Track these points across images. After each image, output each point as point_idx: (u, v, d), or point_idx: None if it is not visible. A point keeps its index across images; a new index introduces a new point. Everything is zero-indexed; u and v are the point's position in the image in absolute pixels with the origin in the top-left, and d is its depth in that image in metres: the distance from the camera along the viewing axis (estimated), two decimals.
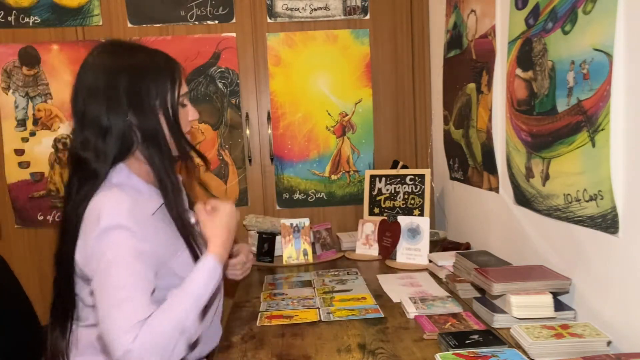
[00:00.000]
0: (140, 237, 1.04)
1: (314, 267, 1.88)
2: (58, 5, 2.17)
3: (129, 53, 1.13)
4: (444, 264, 1.63)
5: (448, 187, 2.10)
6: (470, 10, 1.75)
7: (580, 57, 1.11)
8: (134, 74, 1.09)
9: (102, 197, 1.06)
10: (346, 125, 2.30)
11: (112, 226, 1.02)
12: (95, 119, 1.07)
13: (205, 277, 1.05)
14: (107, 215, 1.02)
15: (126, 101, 1.07)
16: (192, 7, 2.20)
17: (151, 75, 1.11)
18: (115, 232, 1.01)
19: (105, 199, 1.05)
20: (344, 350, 1.15)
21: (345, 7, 2.24)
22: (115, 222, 1.02)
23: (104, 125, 1.07)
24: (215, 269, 1.06)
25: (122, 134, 1.08)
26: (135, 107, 1.08)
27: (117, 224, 1.02)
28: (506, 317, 1.20)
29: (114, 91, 1.07)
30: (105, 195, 1.06)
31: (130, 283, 0.98)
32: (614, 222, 1.03)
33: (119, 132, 1.08)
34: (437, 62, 2.16)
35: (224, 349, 1.19)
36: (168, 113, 1.12)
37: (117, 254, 1.00)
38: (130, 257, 1.01)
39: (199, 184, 2.25)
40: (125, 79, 1.08)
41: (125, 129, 1.08)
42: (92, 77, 1.09)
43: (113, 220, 1.02)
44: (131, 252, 1.01)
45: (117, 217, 1.03)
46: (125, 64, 1.10)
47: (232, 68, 2.24)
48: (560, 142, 1.20)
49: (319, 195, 2.32)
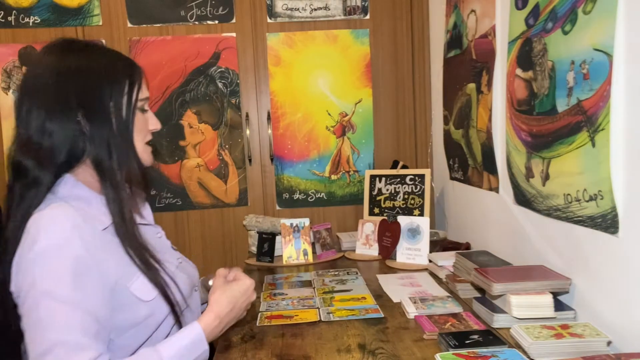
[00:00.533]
0: (86, 259, 0.91)
1: (314, 267, 1.88)
2: (58, 5, 2.17)
3: (81, 53, 1.02)
4: (444, 264, 1.63)
5: (448, 187, 2.10)
6: (470, 10, 1.75)
7: (580, 57, 1.11)
8: (86, 75, 1.00)
9: (42, 214, 0.94)
10: (346, 125, 2.30)
11: (49, 248, 0.89)
12: (39, 122, 0.96)
13: (183, 349, 0.94)
14: (44, 236, 0.90)
15: (76, 103, 0.97)
16: (192, 7, 2.21)
17: (105, 77, 1.01)
18: (52, 256, 0.89)
19: (45, 216, 0.93)
20: (344, 350, 1.15)
21: (345, 7, 2.24)
22: (54, 243, 0.90)
23: (48, 129, 0.96)
24: (198, 342, 0.96)
25: (69, 139, 0.97)
26: (86, 110, 0.98)
27: (55, 244, 0.90)
28: (506, 317, 1.20)
29: (63, 92, 0.97)
30: (46, 213, 0.94)
31: (63, 321, 0.86)
32: (614, 222, 1.03)
33: (66, 137, 0.97)
34: (437, 62, 2.16)
35: (224, 349, 1.19)
36: (121, 119, 1.01)
37: (49, 284, 0.87)
38: (66, 287, 0.88)
39: (199, 183, 2.25)
40: (75, 79, 0.98)
41: (73, 133, 0.97)
42: (39, 77, 0.99)
43: (51, 241, 0.90)
44: (69, 279, 0.88)
45: (56, 237, 0.90)
46: (77, 64, 1.00)
47: (232, 68, 2.24)
48: (560, 142, 1.20)
49: (319, 195, 2.32)
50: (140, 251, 1.02)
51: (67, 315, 0.87)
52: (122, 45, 2.19)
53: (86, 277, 0.91)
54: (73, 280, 0.89)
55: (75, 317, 0.87)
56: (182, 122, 2.24)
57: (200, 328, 0.99)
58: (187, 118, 2.24)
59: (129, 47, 2.19)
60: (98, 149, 0.99)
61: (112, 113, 1.00)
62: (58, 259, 0.89)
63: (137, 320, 1.00)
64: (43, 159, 0.97)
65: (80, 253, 0.91)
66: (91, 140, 0.99)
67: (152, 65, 2.19)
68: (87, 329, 0.88)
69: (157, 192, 2.26)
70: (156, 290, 1.01)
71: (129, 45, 2.19)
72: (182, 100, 2.23)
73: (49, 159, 0.97)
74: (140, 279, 1.00)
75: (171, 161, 2.26)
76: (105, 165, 0.99)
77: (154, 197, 2.26)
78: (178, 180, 2.27)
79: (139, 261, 1.00)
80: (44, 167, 0.97)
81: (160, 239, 1.19)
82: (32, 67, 1.03)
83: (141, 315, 1.00)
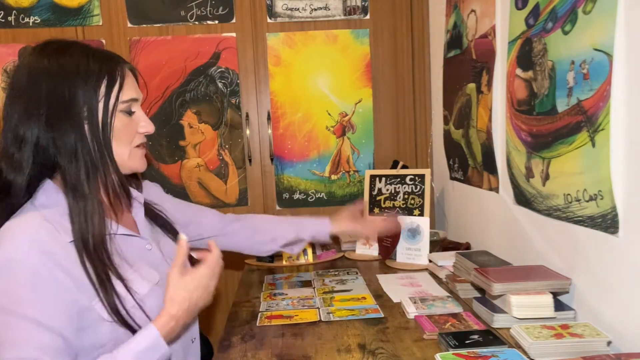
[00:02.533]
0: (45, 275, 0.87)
1: (314, 267, 1.88)
2: (58, 5, 2.17)
3: (59, 53, 0.97)
4: (444, 264, 1.63)
5: (448, 187, 2.10)
6: (470, 10, 1.75)
7: (580, 57, 1.11)
8: (57, 77, 0.94)
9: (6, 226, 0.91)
10: (346, 125, 2.30)
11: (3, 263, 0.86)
12: (13, 126, 0.94)
13: (140, 353, 0.90)
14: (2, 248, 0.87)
15: (45, 108, 0.93)
16: (192, 7, 2.20)
17: (78, 78, 0.95)
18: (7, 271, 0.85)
19: (7, 229, 0.90)
20: (344, 350, 1.15)
21: (345, 7, 2.24)
22: (10, 257, 0.86)
23: (20, 134, 0.93)
24: (155, 346, 0.92)
25: (37, 146, 0.93)
26: (54, 114, 0.93)
27: (11, 259, 0.86)
28: (506, 317, 1.20)
29: (35, 96, 0.93)
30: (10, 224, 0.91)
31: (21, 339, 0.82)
32: (614, 222, 1.03)
33: (34, 143, 0.93)
34: (437, 62, 2.16)
35: (224, 349, 1.19)
36: (96, 123, 0.96)
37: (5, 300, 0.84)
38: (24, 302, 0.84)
39: (199, 183, 2.25)
40: (47, 83, 0.94)
41: (41, 140, 0.93)
42: (17, 79, 0.96)
43: (7, 254, 0.86)
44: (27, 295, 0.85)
45: (13, 250, 0.86)
46: (51, 65, 0.95)
47: (232, 68, 2.24)
48: (560, 142, 1.20)
49: (319, 195, 2.32)
50: (102, 270, 0.94)
51: (25, 333, 0.84)
52: (122, 45, 2.19)
53: (46, 293, 0.87)
54: (31, 296, 0.85)
55: (33, 335, 0.84)
56: (182, 122, 2.24)
57: (156, 330, 0.94)
58: (187, 118, 2.24)
59: (129, 47, 2.19)
60: (63, 157, 0.94)
61: (85, 117, 0.95)
62: (14, 274, 0.86)
63: (102, 341, 0.94)
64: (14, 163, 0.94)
65: (38, 268, 0.87)
66: (56, 147, 0.94)
67: (152, 65, 2.19)
68: (47, 347, 0.84)
69: None
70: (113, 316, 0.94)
71: (129, 45, 2.19)
72: (182, 100, 2.23)
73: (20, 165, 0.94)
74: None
75: (171, 161, 2.26)
76: (70, 174, 0.94)
77: None
78: (178, 180, 2.27)
79: (96, 281, 0.92)
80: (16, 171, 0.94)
81: (150, 251, 1.10)
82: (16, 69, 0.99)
83: (106, 336, 0.94)
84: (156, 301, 1.01)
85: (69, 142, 0.94)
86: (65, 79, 0.95)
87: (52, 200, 0.96)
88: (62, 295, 0.89)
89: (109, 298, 0.93)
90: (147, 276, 1.04)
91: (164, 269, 1.08)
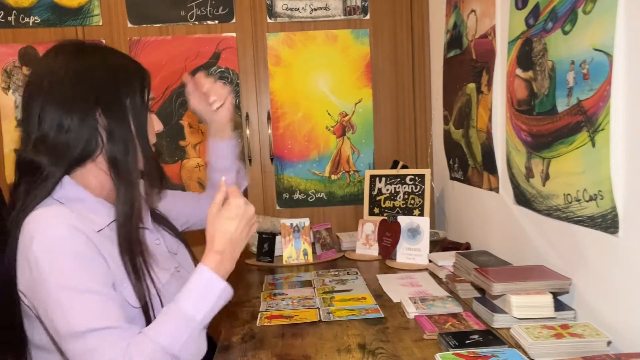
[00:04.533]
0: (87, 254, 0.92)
1: (314, 267, 1.88)
2: (58, 5, 2.17)
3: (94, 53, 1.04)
4: (444, 264, 1.63)
5: (448, 187, 2.10)
6: (470, 10, 1.75)
7: (580, 57, 1.11)
8: (102, 73, 1.01)
9: (37, 214, 0.93)
10: (346, 125, 2.30)
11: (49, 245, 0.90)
12: (55, 119, 0.96)
13: (196, 296, 0.93)
14: (42, 234, 0.90)
15: (94, 100, 0.98)
16: (192, 7, 2.21)
17: (120, 76, 1.03)
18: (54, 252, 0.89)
19: (40, 216, 0.93)
20: (344, 350, 1.15)
21: (345, 7, 2.24)
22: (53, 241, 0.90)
23: (66, 125, 0.96)
24: (210, 284, 0.94)
25: (86, 135, 0.97)
26: (105, 107, 0.99)
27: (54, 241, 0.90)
28: (506, 317, 1.20)
29: (80, 89, 0.97)
30: (41, 212, 0.94)
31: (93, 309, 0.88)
32: (614, 222, 1.03)
33: (83, 133, 0.97)
34: (437, 62, 2.16)
35: (224, 349, 1.19)
36: (138, 117, 1.03)
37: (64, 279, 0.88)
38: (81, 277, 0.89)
39: (199, 183, 2.25)
40: (92, 77, 0.99)
41: (90, 130, 0.98)
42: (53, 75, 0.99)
43: (49, 239, 0.90)
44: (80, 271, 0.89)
45: (53, 234, 0.90)
46: (92, 63, 1.01)
47: (232, 68, 2.24)
48: (560, 142, 1.20)
49: (319, 195, 2.32)
50: (136, 257, 1.00)
51: (93, 303, 0.88)
52: (122, 45, 2.19)
53: (96, 266, 0.92)
54: (85, 271, 0.90)
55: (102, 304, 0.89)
56: (182, 122, 2.24)
57: (204, 266, 0.96)
58: (187, 118, 2.24)
59: (129, 47, 2.19)
60: (116, 146, 1.00)
61: (129, 112, 1.02)
62: (62, 253, 0.90)
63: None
64: (58, 154, 0.97)
65: (80, 249, 0.91)
66: (109, 137, 0.99)
67: (152, 65, 2.19)
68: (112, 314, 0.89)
69: None
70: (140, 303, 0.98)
71: (129, 45, 2.19)
72: (182, 100, 2.23)
73: (64, 155, 0.97)
74: (129, 286, 0.98)
75: (171, 161, 2.26)
76: (121, 163, 1.00)
77: None
78: (178, 180, 2.27)
79: (130, 266, 0.98)
80: (58, 163, 0.97)
81: (159, 246, 1.15)
82: (43, 67, 1.02)
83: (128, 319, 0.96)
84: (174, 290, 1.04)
85: (120, 133, 1.00)
86: (110, 75, 1.02)
87: (71, 195, 0.99)
88: (105, 270, 0.94)
89: (139, 284, 0.98)
90: (164, 266, 1.09)
91: (171, 262, 1.15)
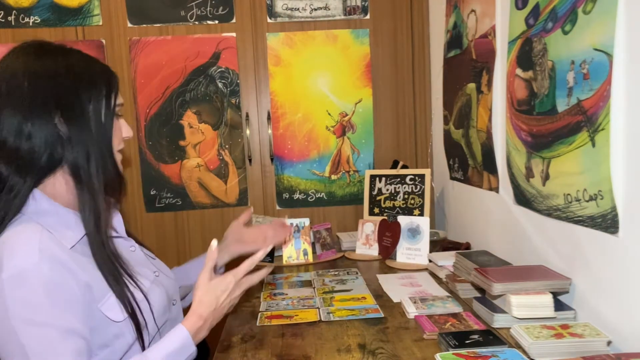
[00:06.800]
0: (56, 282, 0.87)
1: (314, 267, 1.88)
2: (58, 5, 2.17)
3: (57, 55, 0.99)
4: (444, 264, 1.63)
5: (448, 187, 2.10)
6: (470, 10, 1.75)
7: (580, 57, 1.11)
8: (64, 77, 0.96)
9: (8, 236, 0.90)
10: (346, 125, 2.30)
11: (17, 274, 0.85)
12: (14, 125, 0.92)
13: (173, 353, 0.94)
14: (10, 261, 0.86)
15: (54, 105, 0.93)
16: (192, 7, 2.21)
17: (83, 80, 0.97)
18: (21, 282, 0.85)
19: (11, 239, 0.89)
20: (344, 350, 1.15)
21: (345, 7, 2.24)
22: (21, 269, 0.85)
23: (25, 132, 0.92)
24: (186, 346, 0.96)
25: (47, 142, 0.93)
26: (64, 112, 0.94)
27: (22, 270, 0.85)
28: (506, 317, 1.20)
29: (40, 94, 0.93)
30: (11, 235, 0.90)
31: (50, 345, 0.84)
32: (614, 222, 1.03)
33: (45, 140, 0.93)
34: (437, 62, 2.16)
35: (224, 349, 1.19)
36: (101, 122, 0.98)
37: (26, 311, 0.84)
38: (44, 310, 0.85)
39: (199, 183, 2.25)
40: (53, 81, 0.95)
41: (52, 137, 0.93)
42: (12, 78, 0.95)
43: (18, 267, 0.85)
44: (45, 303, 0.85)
45: (23, 262, 0.86)
46: (54, 66, 0.96)
47: (232, 68, 2.24)
48: (560, 142, 1.20)
49: (319, 195, 2.32)
50: (113, 266, 0.98)
51: (53, 341, 0.85)
52: (122, 45, 2.19)
53: (63, 299, 0.88)
54: (49, 303, 0.86)
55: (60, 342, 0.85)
56: (182, 122, 2.24)
57: (187, 331, 0.98)
58: (187, 118, 2.24)
59: (129, 47, 2.19)
60: (76, 154, 0.95)
61: (91, 117, 0.97)
62: (29, 284, 0.85)
63: (107, 341, 0.96)
64: (21, 163, 0.93)
65: (50, 275, 0.87)
66: (69, 144, 0.95)
67: (152, 65, 2.20)
68: (77, 350, 0.87)
69: (157, 192, 2.26)
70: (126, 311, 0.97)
71: (129, 45, 2.19)
72: (182, 100, 2.23)
73: (28, 164, 0.93)
74: (111, 298, 0.96)
75: (171, 161, 2.26)
76: (83, 170, 0.96)
77: (154, 197, 2.26)
78: (178, 180, 2.27)
79: (110, 277, 0.96)
80: (22, 172, 0.93)
81: (134, 252, 1.12)
82: (2, 68, 0.97)
83: (110, 336, 0.96)
84: (157, 296, 1.06)
85: (80, 139, 0.95)
86: (72, 79, 0.97)
87: (43, 209, 0.96)
88: (76, 299, 0.90)
89: (122, 292, 0.96)
90: (144, 273, 1.07)
91: (150, 268, 1.12)
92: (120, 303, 0.96)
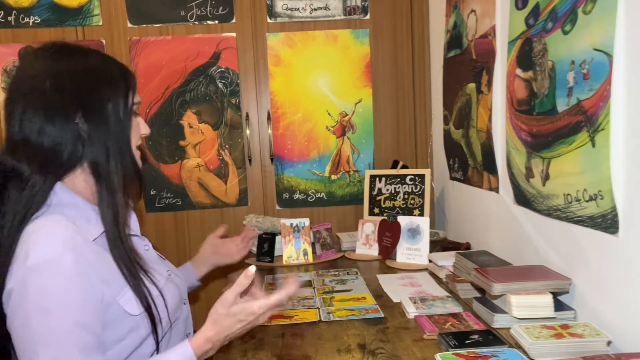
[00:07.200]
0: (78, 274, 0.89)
1: (314, 267, 1.88)
2: (58, 5, 2.17)
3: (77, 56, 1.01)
4: (444, 264, 1.63)
5: (448, 187, 2.10)
6: (470, 10, 1.75)
7: (580, 57, 1.11)
8: (84, 77, 0.99)
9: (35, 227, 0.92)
10: (346, 125, 2.30)
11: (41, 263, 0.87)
12: (36, 124, 0.94)
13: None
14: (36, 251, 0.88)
15: (74, 104, 0.96)
16: (192, 7, 2.20)
17: (102, 79, 1.01)
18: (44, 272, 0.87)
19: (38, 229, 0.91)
20: (344, 350, 1.15)
21: (345, 7, 2.24)
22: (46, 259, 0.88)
23: (47, 131, 0.94)
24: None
25: (68, 140, 0.96)
26: (85, 111, 0.97)
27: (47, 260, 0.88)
28: (506, 317, 1.20)
29: (61, 93, 0.96)
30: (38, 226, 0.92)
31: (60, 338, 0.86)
32: (614, 222, 1.03)
33: (66, 138, 0.96)
34: (437, 62, 2.16)
35: (224, 349, 1.19)
36: (120, 120, 1.01)
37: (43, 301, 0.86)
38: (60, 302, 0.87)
39: (199, 183, 2.25)
40: (73, 81, 0.97)
41: (72, 135, 0.96)
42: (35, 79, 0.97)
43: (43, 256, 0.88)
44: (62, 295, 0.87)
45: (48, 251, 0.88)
46: (74, 66, 0.99)
47: (232, 68, 2.24)
48: (560, 142, 1.20)
49: (319, 195, 2.32)
50: (130, 261, 0.99)
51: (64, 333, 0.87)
52: (122, 45, 2.19)
53: (81, 291, 0.90)
54: (66, 295, 0.88)
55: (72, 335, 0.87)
56: (182, 122, 2.24)
57: (192, 350, 0.96)
58: (187, 118, 2.24)
59: (129, 47, 2.19)
60: (96, 151, 0.98)
61: (111, 116, 1.00)
62: (51, 275, 0.87)
63: (122, 335, 0.97)
64: (43, 161, 0.95)
65: (73, 267, 0.89)
66: (89, 142, 0.97)
67: (152, 65, 2.19)
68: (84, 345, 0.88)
69: (157, 192, 2.26)
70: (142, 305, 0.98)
71: (129, 45, 2.19)
72: (182, 100, 2.23)
73: (50, 162, 0.95)
74: (128, 292, 0.97)
75: (171, 161, 2.26)
76: (102, 168, 0.98)
77: (154, 197, 2.26)
78: (178, 180, 2.27)
79: (127, 272, 0.98)
80: (43, 170, 0.95)
81: (148, 251, 1.14)
82: (24, 69, 1.00)
83: (126, 330, 0.97)
84: (171, 293, 1.09)
85: (100, 137, 0.98)
86: (92, 79, 1.00)
87: (65, 202, 0.98)
88: (94, 292, 0.92)
89: (138, 287, 0.98)
90: (158, 270, 1.10)
91: (163, 267, 1.15)
92: (136, 297, 0.98)
